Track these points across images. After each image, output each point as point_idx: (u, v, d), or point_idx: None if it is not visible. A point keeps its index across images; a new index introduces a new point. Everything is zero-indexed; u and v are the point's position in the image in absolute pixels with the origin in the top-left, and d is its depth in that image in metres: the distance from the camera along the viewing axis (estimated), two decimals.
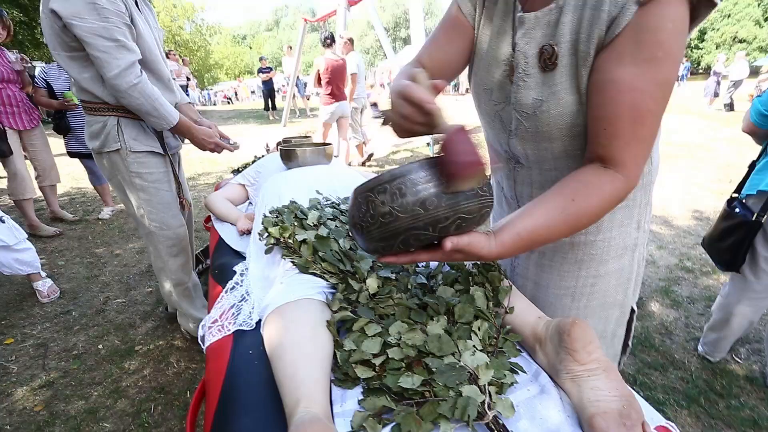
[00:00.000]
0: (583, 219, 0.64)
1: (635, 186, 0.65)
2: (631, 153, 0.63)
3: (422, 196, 0.56)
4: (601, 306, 0.87)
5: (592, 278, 0.84)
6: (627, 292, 0.88)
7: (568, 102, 0.67)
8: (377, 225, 0.58)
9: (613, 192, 0.63)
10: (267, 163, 1.70)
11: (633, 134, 0.62)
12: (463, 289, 0.84)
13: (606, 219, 0.78)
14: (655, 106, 0.60)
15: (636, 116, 0.60)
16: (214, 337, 0.88)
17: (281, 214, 1.04)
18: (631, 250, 0.83)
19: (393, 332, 0.75)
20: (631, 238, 0.82)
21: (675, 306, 2.22)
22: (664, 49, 0.57)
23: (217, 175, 5.21)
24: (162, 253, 1.74)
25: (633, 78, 0.59)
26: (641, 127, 0.61)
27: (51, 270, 2.78)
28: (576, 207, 0.62)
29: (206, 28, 29.32)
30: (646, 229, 0.84)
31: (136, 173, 1.60)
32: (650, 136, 0.62)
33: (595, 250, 0.82)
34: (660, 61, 0.57)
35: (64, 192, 4.65)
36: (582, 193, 0.63)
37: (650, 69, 0.58)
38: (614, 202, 0.65)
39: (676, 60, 0.58)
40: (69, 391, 1.71)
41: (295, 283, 0.85)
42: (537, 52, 0.69)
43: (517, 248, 0.62)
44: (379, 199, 0.58)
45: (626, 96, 0.60)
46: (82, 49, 1.37)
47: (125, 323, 2.18)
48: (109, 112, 1.53)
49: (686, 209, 3.65)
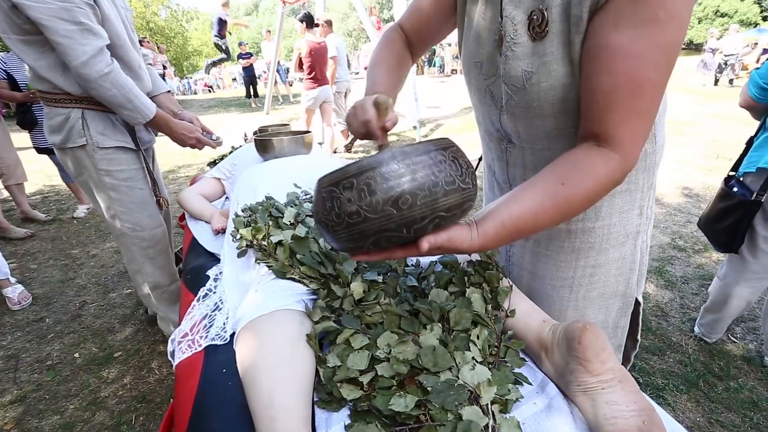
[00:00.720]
0: (574, 205, 0.57)
1: (633, 167, 0.58)
2: (628, 129, 0.56)
3: (394, 193, 0.48)
4: (600, 296, 0.81)
5: (590, 268, 0.78)
6: (629, 282, 0.81)
7: (559, 74, 0.60)
8: (344, 225, 0.51)
9: (608, 174, 0.57)
10: (243, 154, 1.59)
11: (630, 107, 0.54)
12: (459, 291, 0.76)
13: (605, 204, 0.72)
14: (656, 74, 0.53)
15: (634, 87, 0.53)
16: (184, 354, 0.79)
17: (254, 213, 0.94)
18: (633, 237, 0.77)
19: (381, 344, 0.67)
20: (632, 224, 0.76)
21: (669, 286, 2.19)
22: (666, 8, 0.49)
23: (198, 167, 5.03)
24: (136, 255, 1.63)
25: (631, 42, 0.52)
26: (640, 100, 0.54)
27: (22, 275, 2.63)
28: (566, 192, 0.56)
29: (182, 14, 28.24)
30: (650, 215, 0.78)
31: (105, 171, 1.47)
32: (650, 109, 0.55)
33: (594, 238, 0.76)
34: (662, 23, 0.50)
35: (36, 190, 4.44)
36: (573, 176, 0.56)
37: (651, 32, 0.51)
38: (609, 185, 0.58)
39: (681, 21, 0.50)
40: (43, 405, 1.61)
41: (270, 291, 0.76)
42: (526, 18, 0.61)
43: (502, 239, 0.56)
44: (345, 196, 0.50)
45: (623, 63, 0.53)
46: (37, 33, 1.21)
47: (103, 328, 2.07)
48: (71, 103, 1.38)
49: (675, 187, 3.63)
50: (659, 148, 0.73)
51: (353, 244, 0.52)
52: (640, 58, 0.52)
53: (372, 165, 0.49)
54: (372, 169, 0.49)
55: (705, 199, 3.28)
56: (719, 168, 3.94)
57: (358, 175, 0.49)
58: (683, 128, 5.69)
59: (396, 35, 0.85)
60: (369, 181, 0.48)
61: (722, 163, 4.12)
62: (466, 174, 0.52)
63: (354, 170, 0.50)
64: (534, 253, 0.84)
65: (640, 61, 0.52)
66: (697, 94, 8.50)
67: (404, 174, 0.48)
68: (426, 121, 5.81)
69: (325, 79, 4.47)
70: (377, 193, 0.48)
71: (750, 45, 12.90)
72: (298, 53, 4.25)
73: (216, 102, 12.01)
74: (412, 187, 0.48)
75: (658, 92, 0.55)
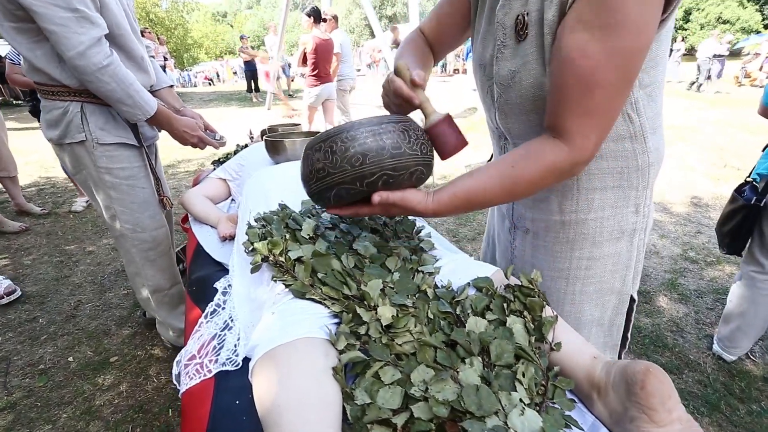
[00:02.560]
0: (520, 185, 0.64)
1: (585, 160, 0.63)
2: (576, 124, 0.60)
3: (349, 153, 0.62)
4: (597, 292, 0.83)
5: (585, 260, 0.80)
6: (625, 280, 0.83)
7: (537, 72, 0.66)
8: (315, 179, 0.66)
9: (555, 161, 0.62)
10: (250, 154, 1.51)
11: (578, 105, 0.59)
12: (497, 319, 0.69)
13: (597, 197, 0.75)
14: (609, 76, 0.56)
15: (584, 86, 0.58)
16: (191, 380, 0.72)
17: (269, 223, 0.86)
18: (629, 235, 0.79)
19: (417, 381, 0.60)
20: (628, 222, 0.77)
21: (683, 300, 2.13)
22: (619, 14, 0.53)
23: (198, 162, 4.94)
24: (136, 258, 1.55)
25: (584, 45, 0.56)
26: (588, 99, 0.58)
27: (15, 271, 2.54)
28: (514, 173, 0.64)
29: (183, 5, 27.99)
30: (647, 215, 0.79)
31: (106, 169, 1.39)
32: (601, 109, 0.59)
33: (587, 229, 0.78)
34: (615, 28, 0.53)
35: (32, 182, 4.34)
36: (522, 160, 0.64)
37: (604, 36, 0.54)
38: (555, 172, 0.64)
39: (637, 27, 0.53)
40: (34, 413, 1.53)
41: (289, 315, 0.68)
42: (513, 23, 0.67)
43: (453, 207, 0.66)
44: (315, 157, 0.65)
45: (574, 64, 0.57)
46: (31, 20, 1.13)
47: (99, 331, 1.99)
48: (69, 96, 1.30)
49: (684, 195, 3.58)
50: (652, 149, 0.73)
51: (320, 195, 0.67)
52: (591, 59, 0.56)
53: (335, 132, 0.64)
54: (335, 135, 0.63)
55: (715, 208, 3.23)
56: (727, 177, 3.89)
57: (325, 140, 0.64)
58: (685, 134, 5.65)
59: (417, 37, 0.90)
60: (331, 144, 0.63)
61: (730, 172, 4.07)
62: (414, 143, 0.65)
63: (323, 137, 0.65)
64: (533, 246, 0.87)
65: (590, 63, 0.56)
66: (692, 99, 8.48)
67: (358, 138, 0.62)
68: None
69: (328, 76, 4.39)
70: (337, 153, 0.62)
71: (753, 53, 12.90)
72: (303, 48, 4.15)
73: (216, 96, 11.89)
74: (363, 149, 0.62)
75: (610, 94, 0.58)
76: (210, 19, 40.42)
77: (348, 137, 0.62)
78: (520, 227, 0.89)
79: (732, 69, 12.03)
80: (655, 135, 0.73)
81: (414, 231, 0.94)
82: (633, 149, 0.72)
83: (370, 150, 0.62)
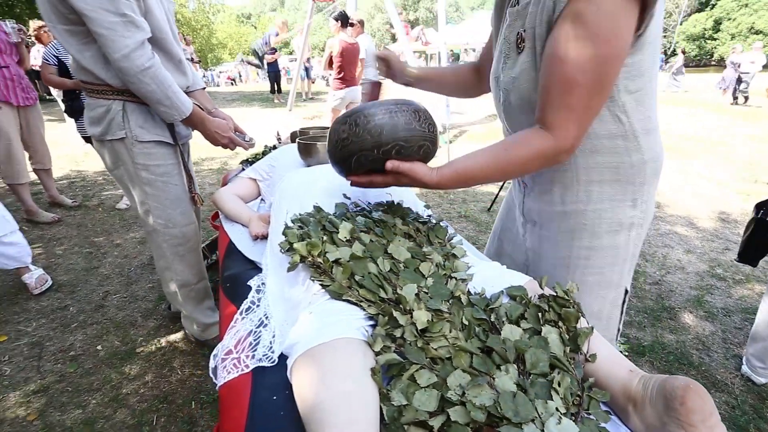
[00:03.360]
0: (511, 166, 0.77)
1: (566, 148, 0.73)
2: (559, 117, 0.72)
3: (370, 125, 0.78)
4: (597, 284, 0.89)
5: (585, 250, 0.87)
6: (623, 273, 0.89)
7: (532, 78, 0.77)
8: (339, 147, 0.82)
9: (541, 148, 0.74)
10: (281, 156, 1.54)
11: (561, 101, 0.71)
12: (532, 329, 0.70)
13: (595, 190, 0.83)
14: (584, 79, 0.68)
15: (564, 86, 0.70)
16: (229, 374, 0.74)
17: (306, 224, 0.89)
18: (627, 228, 0.85)
19: (453, 385, 0.61)
20: (626, 215, 0.84)
21: (710, 318, 2.08)
22: (591, 28, 0.65)
23: (221, 160, 5.04)
24: (166, 252, 1.60)
25: (564, 52, 0.68)
26: (568, 96, 0.70)
27: (48, 260, 2.64)
28: (506, 156, 0.76)
29: (210, 6, 28.62)
30: (645, 210, 0.85)
31: (143, 165, 1.44)
32: (579, 106, 0.70)
33: (587, 220, 0.85)
34: (588, 39, 0.66)
35: (63, 175, 4.50)
36: (514, 146, 0.77)
37: (579, 45, 0.66)
38: (542, 157, 0.75)
39: (606, 39, 0.65)
40: (65, 398, 1.59)
41: (327, 315, 0.70)
42: (515, 38, 0.80)
43: (454, 181, 0.79)
44: (341, 129, 0.81)
45: (557, 67, 0.70)
46: (81, 23, 1.19)
47: (126, 321, 2.06)
48: (113, 95, 1.36)
49: (711, 210, 3.49)
50: (645, 148, 0.80)
51: (345, 160, 0.82)
52: (570, 64, 0.68)
53: (358, 109, 0.80)
54: (359, 111, 0.80)
55: (743, 224, 3.13)
56: (758, 193, 3.78)
57: (350, 115, 0.81)
58: (713, 147, 5.51)
59: (471, 63, 1.11)
60: (355, 118, 0.80)
61: (761, 187, 3.95)
62: (423, 123, 0.82)
63: (348, 113, 0.82)
64: (539, 237, 0.96)
65: (569, 67, 0.68)
66: (722, 113, 8.26)
67: (377, 114, 0.79)
68: (450, 126, 5.73)
69: (354, 80, 4.44)
70: (359, 126, 0.79)
71: None
72: (330, 52, 4.21)
73: (239, 96, 12.11)
74: (382, 122, 0.78)
75: (587, 93, 0.69)
76: (234, 21, 41.24)
77: (369, 113, 0.79)
78: (529, 220, 0.98)
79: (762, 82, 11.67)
80: (648, 136, 0.80)
81: (446, 238, 0.96)
82: (626, 147, 0.80)
83: (387, 124, 0.78)
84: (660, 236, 3.02)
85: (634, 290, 2.31)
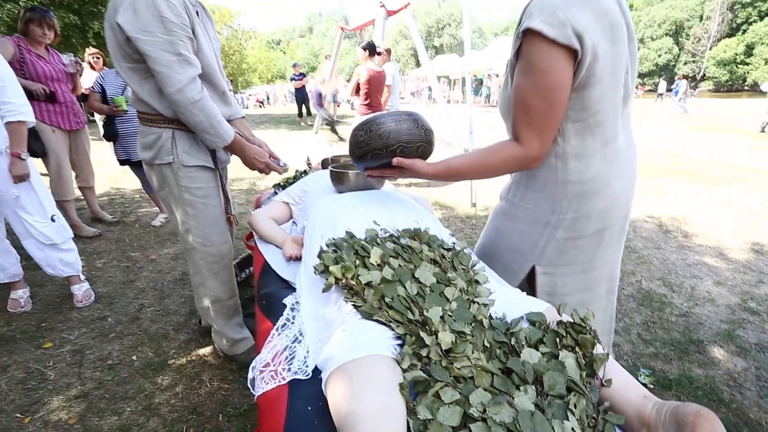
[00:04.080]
0: (488, 166, 1.00)
1: (533, 158, 0.95)
2: (523, 132, 0.94)
3: (380, 131, 1.07)
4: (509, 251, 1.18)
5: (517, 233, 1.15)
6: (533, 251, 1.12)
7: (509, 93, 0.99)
8: (358, 148, 1.12)
9: (511, 155, 0.97)
10: (314, 182, 1.64)
11: (522, 119, 0.93)
12: (550, 353, 0.74)
13: (528, 193, 1.10)
14: (535, 102, 0.89)
15: (522, 107, 0.92)
16: (267, 385, 0.81)
17: (339, 249, 0.96)
18: (543, 225, 1.08)
19: (475, 402, 0.66)
20: (544, 215, 1.07)
21: (742, 354, 2.02)
22: (533, 65, 0.87)
23: (250, 181, 5.25)
24: (202, 269, 1.70)
25: (519, 80, 0.91)
26: (527, 115, 0.92)
27: (89, 272, 2.81)
28: (486, 158, 1.00)
29: (242, 33, 30.11)
30: (562, 219, 1.05)
31: (186, 188, 1.57)
32: (536, 123, 0.91)
33: (519, 211, 1.13)
34: (530, 72, 0.88)
35: (104, 192, 4.78)
36: (492, 152, 1.00)
37: (525, 76, 0.89)
38: (512, 162, 0.98)
39: (545, 74, 0.86)
40: (103, 404, 1.68)
41: (359, 333, 0.77)
42: (508, 67, 1.00)
43: (446, 174, 1.06)
44: (358, 134, 1.12)
45: (516, 93, 0.93)
46: (143, 61, 1.34)
47: (159, 334, 2.16)
48: (164, 124, 1.50)
49: (743, 240, 3.40)
50: (572, 171, 0.99)
51: (362, 158, 1.13)
52: (523, 90, 0.90)
53: (371, 119, 1.10)
54: (372, 120, 1.09)
55: None
56: None
57: (365, 123, 1.11)
58: (745, 175, 5.36)
59: None
60: (369, 125, 1.09)
61: None
62: (420, 129, 1.09)
63: (364, 121, 1.12)
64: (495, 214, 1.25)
65: (523, 92, 0.91)
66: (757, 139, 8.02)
67: (386, 123, 1.07)
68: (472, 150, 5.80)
69: (379, 106, 4.60)
70: (372, 131, 1.08)
71: None
72: (357, 79, 4.40)
73: (267, 118, 12.60)
74: (389, 129, 1.06)
75: (542, 113, 0.90)
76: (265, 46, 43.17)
77: (380, 122, 1.07)
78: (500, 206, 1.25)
79: None
80: (578, 161, 0.98)
81: (470, 264, 1.01)
82: (555, 164, 1.00)
83: (393, 130, 1.06)
84: (688, 266, 2.96)
85: (659, 321, 2.28)
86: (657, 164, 6.12)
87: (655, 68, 38.39)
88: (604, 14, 0.84)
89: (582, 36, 0.81)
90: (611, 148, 0.98)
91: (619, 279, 1.24)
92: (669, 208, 4.21)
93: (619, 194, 1.03)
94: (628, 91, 0.97)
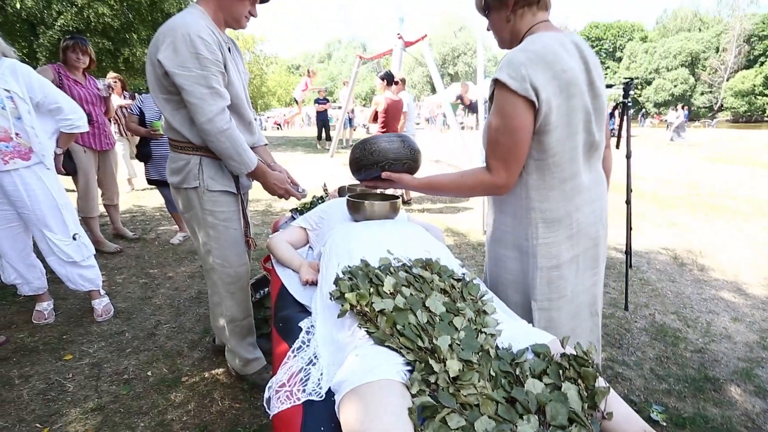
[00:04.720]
0: (462, 187, 1.20)
1: (501, 185, 1.10)
2: (492, 163, 1.10)
3: (372, 149, 1.31)
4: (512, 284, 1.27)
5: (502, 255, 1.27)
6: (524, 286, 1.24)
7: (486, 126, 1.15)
8: (355, 164, 1.37)
9: (480, 181, 1.13)
10: (331, 210, 1.72)
11: (492, 153, 1.09)
12: (553, 384, 0.77)
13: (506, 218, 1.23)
14: (502, 139, 1.05)
15: (492, 143, 1.08)
16: (282, 405, 0.85)
17: (354, 276, 1.02)
18: (525, 254, 1.20)
19: (480, 429, 0.69)
20: (519, 240, 1.20)
21: (761, 394, 1.97)
22: (500, 109, 1.04)
23: (266, 203, 5.38)
24: (220, 289, 1.77)
25: (490, 120, 1.08)
26: (495, 150, 1.08)
27: (109, 287, 2.91)
28: (461, 180, 1.18)
29: (263, 59, 31.29)
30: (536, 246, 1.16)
31: (209, 211, 1.65)
32: (502, 156, 1.07)
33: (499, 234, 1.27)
34: (498, 113, 1.05)
35: (126, 209, 4.95)
36: (467, 176, 1.18)
37: (496, 117, 1.06)
38: (481, 186, 1.15)
39: (510, 117, 1.02)
40: (118, 418, 1.73)
41: (372, 358, 0.81)
42: None
43: (427, 188, 1.28)
44: (356, 152, 1.37)
45: (489, 129, 1.09)
46: (177, 93, 1.46)
47: (174, 351, 2.22)
48: (193, 151, 1.60)
49: (762, 276, 3.33)
50: (535, 200, 1.13)
51: (358, 171, 1.38)
52: (493, 128, 1.07)
53: (366, 140, 1.35)
54: (366, 141, 1.34)
55: None
56: None
57: (362, 143, 1.35)
58: (762, 207, 5.28)
59: None
60: (364, 145, 1.34)
61: None
62: (407, 148, 1.33)
63: (361, 142, 1.36)
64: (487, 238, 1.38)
65: (493, 130, 1.07)
66: None
67: (378, 143, 1.31)
68: None
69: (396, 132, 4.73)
70: (366, 150, 1.32)
71: None
72: (375, 107, 4.55)
73: (284, 140, 12.93)
74: (380, 148, 1.31)
75: (508, 149, 1.05)
76: (285, 71, 44.66)
77: (373, 142, 1.32)
78: None
79: None
80: (539, 193, 1.12)
81: (479, 295, 1.05)
82: (521, 193, 1.15)
83: (383, 149, 1.30)
84: (704, 301, 2.92)
85: (673, 357, 2.24)
86: (673, 195, 6.08)
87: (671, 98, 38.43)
88: (562, 72, 0.99)
89: (538, 91, 0.97)
90: (570, 184, 1.11)
91: (602, 302, 1.34)
92: (684, 241, 4.16)
93: (583, 224, 1.15)
94: (593, 138, 1.11)
